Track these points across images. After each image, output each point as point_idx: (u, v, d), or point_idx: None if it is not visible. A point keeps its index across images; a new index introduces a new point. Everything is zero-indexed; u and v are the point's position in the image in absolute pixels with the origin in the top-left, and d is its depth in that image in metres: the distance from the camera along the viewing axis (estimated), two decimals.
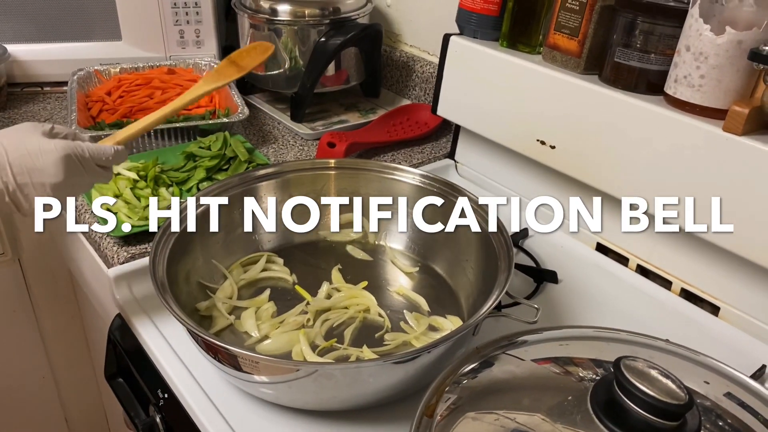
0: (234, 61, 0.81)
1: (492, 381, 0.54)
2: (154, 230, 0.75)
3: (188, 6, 1.18)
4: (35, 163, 0.59)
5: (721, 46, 0.67)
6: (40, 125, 0.62)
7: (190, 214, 0.70)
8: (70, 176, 0.60)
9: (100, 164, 0.64)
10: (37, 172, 0.59)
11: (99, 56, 1.18)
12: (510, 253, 0.66)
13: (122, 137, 0.69)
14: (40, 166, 0.59)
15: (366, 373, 0.57)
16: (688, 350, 0.56)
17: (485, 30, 0.90)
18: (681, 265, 0.78)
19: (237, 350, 0.56)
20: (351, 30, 1.08)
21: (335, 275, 0.77)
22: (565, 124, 0.81)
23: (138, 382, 0.73)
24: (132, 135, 0.70)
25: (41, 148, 0.59)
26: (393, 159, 1.04)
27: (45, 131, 0.61)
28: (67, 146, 0.60)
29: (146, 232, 0.79)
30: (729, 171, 0.67)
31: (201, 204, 0.73)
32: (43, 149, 0.59)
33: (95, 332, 1.12)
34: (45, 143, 0.59)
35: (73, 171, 0.60)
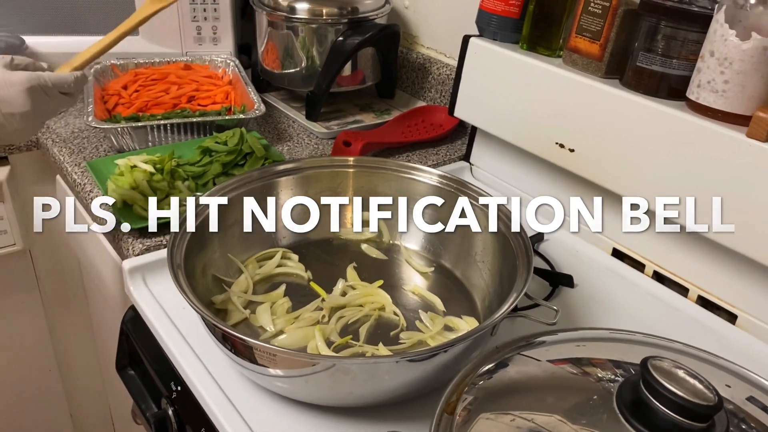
0: None
1: (507, 382, 0.54)
2: (153, 230, 0.77)
3: (206, 3, 1.18)
4: (2, 95, 0.62)
5: (746, 52, 0.66)
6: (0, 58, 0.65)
7: (212, 211, 0.70)
8: (37, 105, 0.64)
9: (63, 91, 0.67)
10: (5, 104, 0.63)
11: (116, 50, 1.16)
12: (529, 254, 0.65)
13: (78, 63, 0.73)
14: (8, 98, 0.63)
15: (383, 369, 0.57)
16: (709, 354, 0.55)
17: (505, 32, 0.90)
18: (698, 271, 0.78)
19: (254, 342, 0.56)
20: (369, 30, 1.08)
21: (350, 273, 0.76)
22: (584, 128, 0.81)
23: (150, 374, 0.73)
24: (87, 60, 0.74)
25: (5, 80, 0.63)
26: (408, 160, 1.03)
27: (6, 63, 0.65)
28: (31, 77, 0.64)
29: (160, 224, 0.79)
30: (753, 177, 0.67)
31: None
32: (8, 81, 0.63)
33: (104, 325, 1.12)
34: (8, 75, 0.63)
35: (39, 100, 0.64)
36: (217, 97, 1.08)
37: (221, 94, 1.09)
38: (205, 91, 1.08)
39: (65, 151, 0.99)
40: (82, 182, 0.91)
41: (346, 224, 0.82)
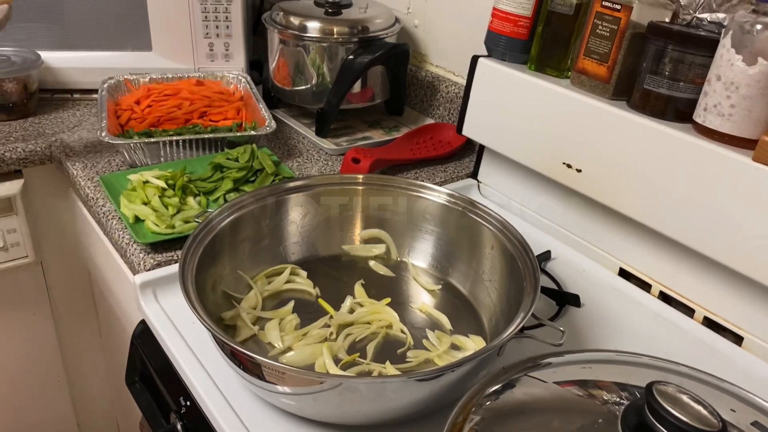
0: None
1: (514, 403, 0.54)
2: None
3: (219, 20, 1.20)
4: None
5: (752, 77, 0.67)
6: None
7: (220, 224, 0.71)
8: None
9: None
10: None
11: (129, 66, 1.20)
12: (536, 274, 0.66)
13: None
14: None
15: (390, 388, 0.57)
16: (714, 377, 0.56)
17: (514, 53, 0.91)
18: (704, 292, 0.78)
19: (263, 359, 0.57)
20: (379, 49, 1.09)
21: (358, 290, 0.77)
22: (592, 149, 0.82)
23: (159, 389, 0.74)
24: None
25: None
26: (416, 177, 1.04)
27: None
28: None
29: (171, 240, 0.80)
30: (758, 200, 0.67)
31: (230, 214, 0.73)
32: None
33: (114, 338, 1.13)
34: None
35: None
36: (229, 113, 1.10)
37: (233, 110, 1.10)
38: (217, 107, 1.10)
39: (78, 165, 1.00)
40: (94, 196, 0.92)
41: (354, 241, 0.83)
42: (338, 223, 0.82)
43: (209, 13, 1.19)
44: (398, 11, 1.24)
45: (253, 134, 0.99)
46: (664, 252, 0.80)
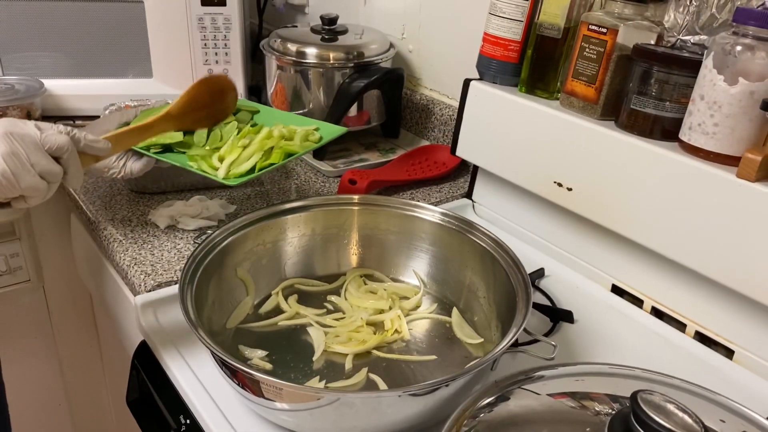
0: None
1: (508, 415, 0.55)
2: None
3: (218, 47, 1.23)
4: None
5: (734, 96, 0.69)
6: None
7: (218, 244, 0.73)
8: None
9: (93, 152, 0.70)
10: None
11: (130, 92, 1.22)
12: (528, 290, 0.68)
13: (111, 134, 0.74)
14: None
15: (385, 403, 0.59)
16: (704, 389, 0.57)
17: (504, 76, 0.94)
18: (695, 307, 0.79)
19: (261, 376, 0.58)
20: (374, 73, 1.12)
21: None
22: (581, 168, 0.84)
23: (159, 408, 0.75)
24: (119, 135, 0.75)
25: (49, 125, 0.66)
26: (412, 197, 1.06)
27: None
28: (67, 129, 0.67)
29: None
30: (742, 216, 0.69)
31: (230, 235, 0.75)
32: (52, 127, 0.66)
33: (114, 359, 1.14)
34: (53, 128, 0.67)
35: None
36: None
37: None
38: None
39: (80, 189, 1.02)
40: (96, 220, 0.94)
41: (349, 260, 0.85)
42: (335, 243, 0.83)
43: (208, 40, 1.22)
44: (393, 37, 1.27)
45: None
46: (656, 268, 0.82)
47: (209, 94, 0.86)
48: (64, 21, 1.19)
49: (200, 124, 0.86)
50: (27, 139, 0.62)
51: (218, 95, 0.87)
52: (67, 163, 0.66)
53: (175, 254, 0.86)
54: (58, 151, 0.64)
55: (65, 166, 0.66)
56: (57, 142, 0.64)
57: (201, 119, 0.86)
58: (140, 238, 0.90)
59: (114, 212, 0.96)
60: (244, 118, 0.93)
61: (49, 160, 0.64)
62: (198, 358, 0.71)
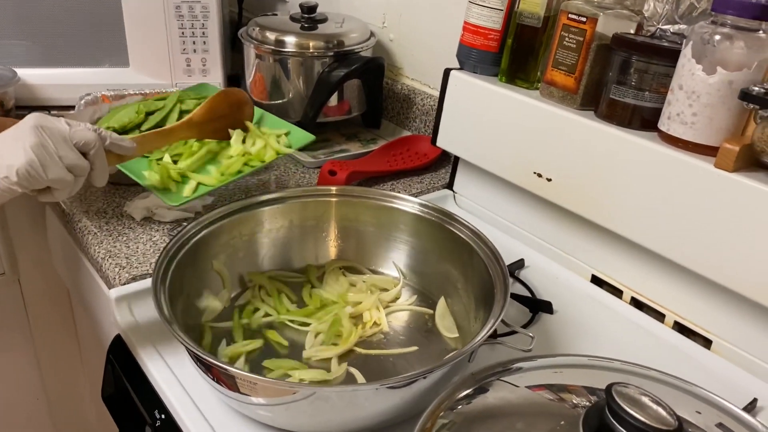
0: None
1: (486, 407, 0.55)
2: None
3: (195, 35, 1.21)
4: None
5: (712, 86, 0.69)
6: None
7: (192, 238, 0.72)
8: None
9: (118, 151, 0.73)
10: None
11: (107, 82, 1.20)
12: (506, 281, 0.67)
13: (137, 136, 0.78)
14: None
15: (362, 397, 0.58)
16: (681, 380, 0.57)
17: (485, 65, 0.93)
18: (674, 298, 0.79)
19: (236, 371, 0.57)
20: (354, 63, 1.10)
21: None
22: (561, 158, 0.83)
23: (135, 403, 0.74)
24: (144, 138, 0.79)
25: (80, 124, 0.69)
26: (392, 188, 1.05)
27: None
28: (96, 128, 0.70)
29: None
30: (720, 206, 0.69)
31: (204, 228, 0.74)
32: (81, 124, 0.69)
33: (92, 353, 1.12)
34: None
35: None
36: None
37: None
38: None
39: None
40: (70, 212, 0.92)
41: (327, 252, 0.84)
42: (313, 235, 0.83)
43: (186, 29, 1.20)
44: (373, 25, 1.25)
45: None
46: (636, 259, 0.82)
47: (228, 105, 0.89)
48: (37, 8, 1.16)
49: (219, 135, 0.88)
50: (56, 133, 0.65)
51: (236, 107, 0.90)
52: (93, 159, 0.68)
53: (151, 246, 0.85)
54: (85, 146, 0.67)
55: (92, 162, 0.68)
56: (85, 137, 0.67)
57: (219, 129, 0.88)
58: (115, 230, 0.88)
59: (89, 204, 0.94)
60: None
61: (76, 154, 0.66)
62: (173, 353, 0.71)
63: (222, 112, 0.87)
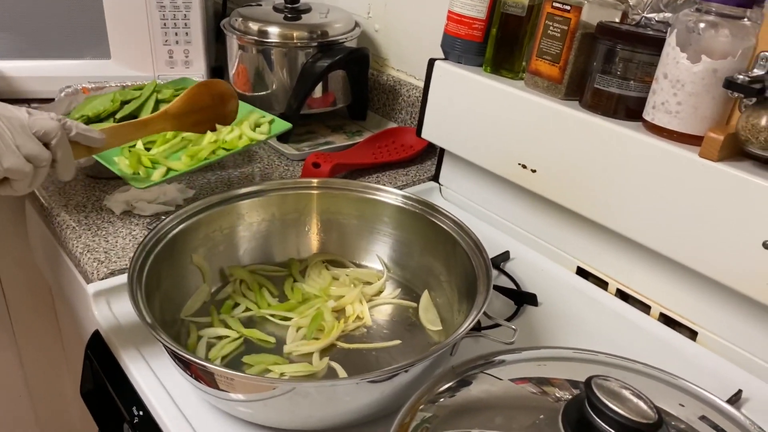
0: None
1: (470, 400, 0.54)
2: None
3: (178, 27, 1.19)
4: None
5: (697, 74, 0.68)
6: None
7: (171, 231, 0.70)
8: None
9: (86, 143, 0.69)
10: None
11: (88, 74, 1.18)
12: (489, 273, 0.66)
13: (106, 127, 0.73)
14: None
15: (341, 391, 0.57)
16: (665, 373, 0.56)
17: (469, 55, 0.92)
18: (660, 289, 0.79)
19: (215, 368, 0.56)
20: (338, 53, 1.09)
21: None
22: (546, 149, 0.82)
23: (114, 399, 0.73)
24: (114, 130, 0.74)
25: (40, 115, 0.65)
26: (378, 181, 1.04)
27: None
28: (60, 118, 0.66)
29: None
30: (704, 196, 0.68)
31: (182, 222, 0.72)
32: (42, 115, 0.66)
33: (75, 350, 1.11)
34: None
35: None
36: None
37: None
38: None
39: None
40: (49, 206, 0.91)
41: (309, 246, 0.83)
42: (295, 228, 0.81)
43: (168, 20, 1.18)
44: (358, 16, 1.24)
45: None
46: (621, 250, 0.81)
47: (210, 96, 0.84)
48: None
49: (199, 128, 0.84)
50: (14, 121, 0.62)
51: (219, 99, 0.85)
52: (56, 150, 0.64)
53: (130, 241, 0.83)
54: (45, 136, 0.63)
55: (54, 153, 0.65)
56: (45, 126, 0.63)
57: (200, 122, 0.84)
58: (94, 224, 0.87)
59: (68, 198, 0.92)
60: None
61: (36, 143, 0.63)
62: (152, 348, 0.69)
63: (203, 104, 0.83)
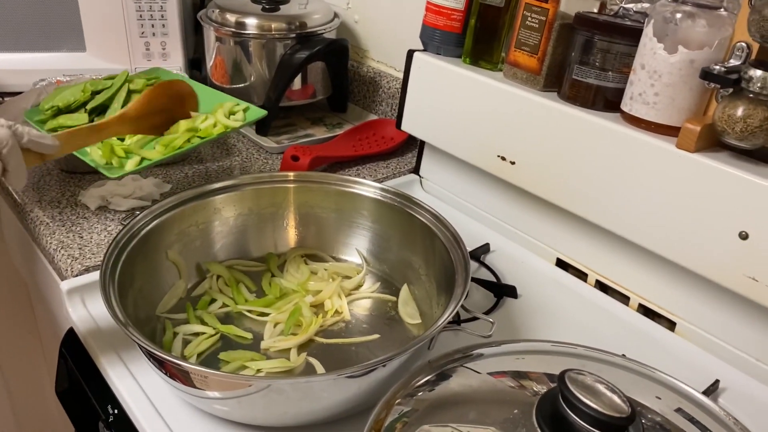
0: None
1: (448, 394, 0.54)
2: None
3: (154, 18, 1.17)
4: None
5: (674, 65, 0.68)
6: None
7: (144, 227, 0.69)
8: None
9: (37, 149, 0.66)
10: None
11: (63, 67, 1.16)
12: (467, 267, 0.66)
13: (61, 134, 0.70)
14: None
15: (318, 387, 0.56)
16: (642, 365, 0.56)
17: (448, 47, 0.91)
18: (639, 280, 0.79)
19: (190, 366, 0.55)
20: (317, 44, 1.08)
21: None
22: (524, 141, 0.82)
23: (88, 397, 0.72)
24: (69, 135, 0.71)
25: None
26: (358, 173, 1.03)
27: None
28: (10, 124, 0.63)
29: None
30: (682, 187, 0.68)
31: (155, 218, 0.71)
32: None
33: (52, 347, 1.09)
34: None
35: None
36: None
37: None
38: None
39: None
40: (22, 202, 0.89)
41: (287, 240, 0.82)
42: (272, 222, 0.81)
43: (144, 11, 1.17)
44: (337, 7, 1.22)
45: None
46: (600, 242, 0.81)
47: (168, 98, 0.82)
48: None
49: (157, 130, 0.82)
50: None
51: (177, 100, 0.83)
52: (6, 159, 0.62)
53: (105, 236, 0.82)
54: None
55: (5, 162, 0.62)
56: None
57: (159, 125, 0.82)
58: (69, 220, 0.85)
59: (42, 193, 0.91)
60: None
61: None
62: (127, 346, 0.68)
63: (161, 107, 0.81)
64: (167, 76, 0.96)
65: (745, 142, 0.64)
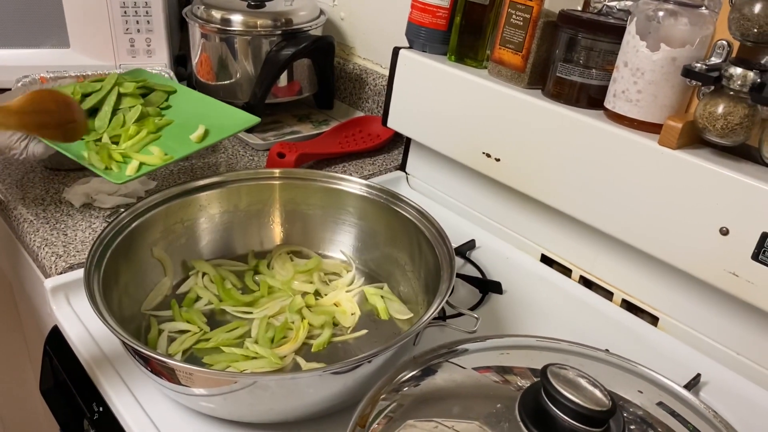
0: None
1: (433, 389, 0.54)
2: None
3: (139, 15, 1.17)
4: None
5: (656, 63, 0.69)
6: None
7: (128, 224, 0.69)
8: None
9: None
10: None
11: (47, 64, 1.15)
12: (452, 263, 0.66)
13: None
14: None
15: (303, 384, 0.56)
16: (625, 360, 0.57)
17: (434, 44, 0.91)
18: (622, 276, 0.80)
19: (174, 363, 0.55)
20: (303, 41, 1.08)
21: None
22: (509, 138, 0.82)
23: (73, 395, 0.71)
24: None
25: None
26: (344, 170, 1.03)
27: None
28: None
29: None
30: (664, 183, 0.69)
31: (140, 215, 0.71)
32: None
33: (36, 345, 1.08)
34: None
35: None
36: None
37: None
38: None
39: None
40: (6, 199, 0.89)
41: (273, 237, 0.82)
42: (258, 219, 0.80)
43: (129, 8, 1.16)
44: (324, 3, 1.22)
45: None
46: (584, 237, 0.82)
47: (54, 102, 0.78)
48: None
49: (46, 132, 0.78)
50: None
51: (64, 106, 0.78)
52: None
53: (90, 234, 0.82)
54: None
55: None
56: None
57: (46, 125, 0.77)
58: (53, 217, 0.85)
59: (26, 191, 0.90)
60: (158, 100, 0.89)
61: None
62: (112, 344, 0.68)
63: (47, 107, 0.77)
64: (153, 79, 0.96)
65: (725, 139, 0.65)
